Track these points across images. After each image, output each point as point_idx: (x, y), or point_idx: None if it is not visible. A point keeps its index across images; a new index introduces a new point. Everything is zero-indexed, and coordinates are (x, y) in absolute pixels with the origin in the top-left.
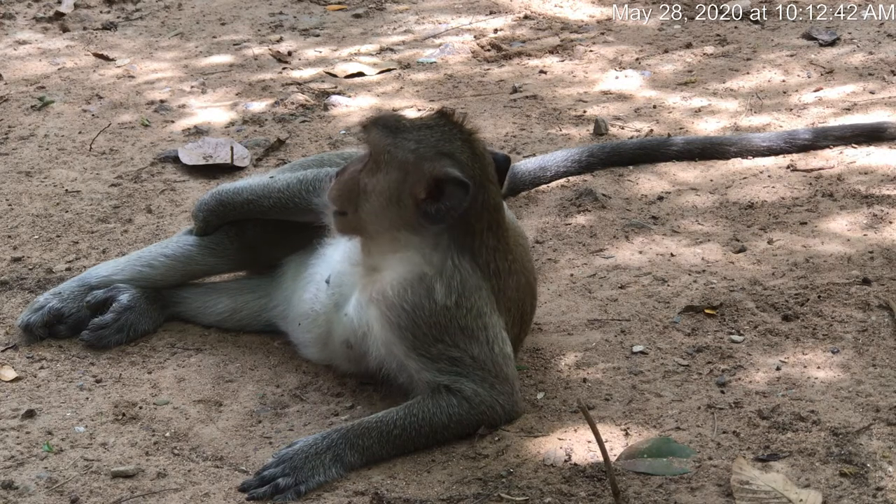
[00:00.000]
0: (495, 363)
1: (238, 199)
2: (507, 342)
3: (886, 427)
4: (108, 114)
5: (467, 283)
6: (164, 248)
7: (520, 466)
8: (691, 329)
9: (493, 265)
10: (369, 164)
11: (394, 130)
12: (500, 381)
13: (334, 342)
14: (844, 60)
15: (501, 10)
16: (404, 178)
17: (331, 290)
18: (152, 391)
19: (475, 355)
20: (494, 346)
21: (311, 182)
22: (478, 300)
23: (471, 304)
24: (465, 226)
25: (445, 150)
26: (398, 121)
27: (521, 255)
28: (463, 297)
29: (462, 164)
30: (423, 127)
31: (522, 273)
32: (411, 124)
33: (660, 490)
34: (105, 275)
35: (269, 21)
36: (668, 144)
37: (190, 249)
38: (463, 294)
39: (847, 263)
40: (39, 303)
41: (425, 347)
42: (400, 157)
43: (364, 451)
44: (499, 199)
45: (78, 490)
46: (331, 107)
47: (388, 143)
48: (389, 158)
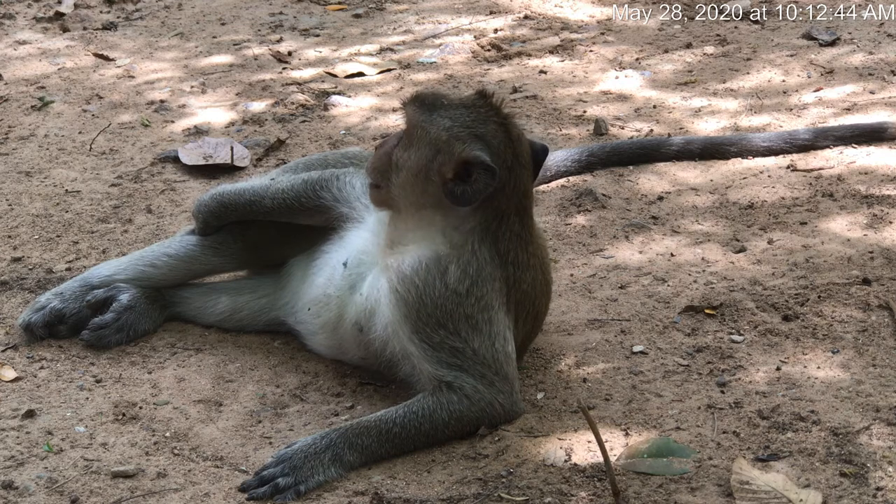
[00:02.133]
0: (496, 360)
1: (240, 201)
2: (509, 341)
3: (886, 427)
4: (108, 114)
5: (482, 272)
6: (167, 248)
7: (520, 466)
8: (691, 329)
9: (512, 254)
10: (404, 140)
11: (430, 107)
12: (501, 379)
13: (345, 325)
14: (844, 60)
15: (501, 10)
16: (434, 156)
17: (347, 272)
18: (152, 391)
19: (476, 348)
20: (496, 343)
21: (318, 181)
22: (489, 292)
23: (481, 294)
24: (493, 209)
25: (478, 132)
26: (436, 98)
27: (541, 251)
28: (475, 286)
29: (493, 148)
30: (461, 106)
31: (540, 269)
32: (449, 102)
33: (660, 490)
34: (107, 274)
35: (269, 21)
36: (668, 144)
37: (193, 249)
38: (476, 282)
39: (847, 263)
40: (41, 303)
41: (427, 332)
42: (433, 135)
43: (363, 451)
44: (529, 185)
45: (78, 490)
46: (331, 107)
47: (423, 119)
48: (423, 134)
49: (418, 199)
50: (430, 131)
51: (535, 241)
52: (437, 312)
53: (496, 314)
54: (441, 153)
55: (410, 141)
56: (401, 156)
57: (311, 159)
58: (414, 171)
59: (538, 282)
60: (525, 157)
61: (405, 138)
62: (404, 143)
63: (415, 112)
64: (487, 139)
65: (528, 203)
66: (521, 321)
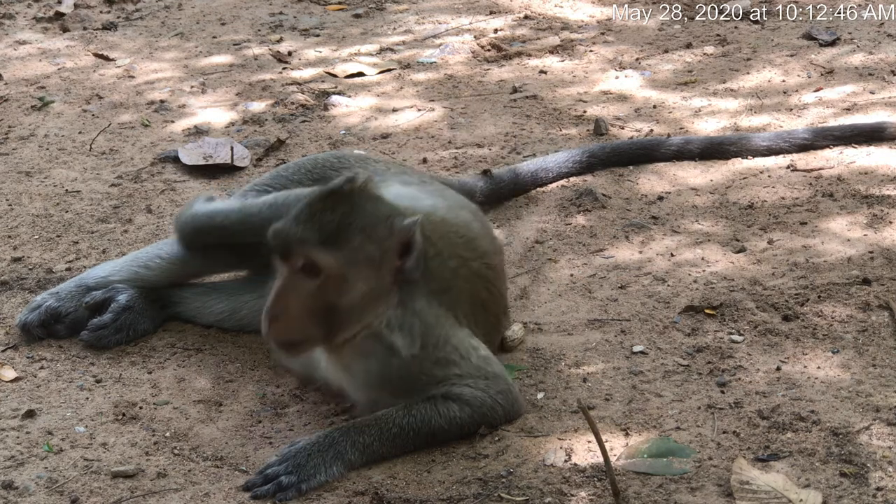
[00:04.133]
0: (479, 368)
1: (212, 224)
2: (479, 346)
3: (886, 427)
4: (108, 114)
5: (425, 322)
6: (160, 250)
7: (520, 466)
8: (691, 329)
9: (436, 282)
10: (327, 280)
11: (337, 245)
12: (493, 380)
13: (317, 376)
14: (844, 60)
15: (501, 10)
16: (377, 258)
17: None
18: (152, 391)
19: (459, 373)
20: (472, 357)
21: (283, 206)
22: (439, 330)
23: (436, 339)
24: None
25: (385, 212)
26: (334, 232)
27: (461, 247)
28: (426, 338)
29: (396, 209)
30: (348, 215)
31: (466, 265)
32: (341, 223)
33: (660, 490)
34: (102, 276)
35: (269, 21)
36: (668, 144)
37: (185, 253)
38: (425, 335)
39: (847, 263)
40: (37, 302)
41: (406, 391)
42: (367, 245)
43: (365, 449)
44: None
45: (78, 490)
46: (331, 107)
47: (344, 254)
48: (352, 261)
49: (371, 308)
50: (360, 253)
51: (449, 248)
52: (408, 378)
53: (456, 338)
54: (385, 249)
55: (342, 277)
56: (338, 297)
57: (304, 162)
58: (366, 287)
59: (473, 273)
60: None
61: (329, 282)
62: (331, 286)
63: (329, 257)
64: (391, 209)
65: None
66: (480, 323)
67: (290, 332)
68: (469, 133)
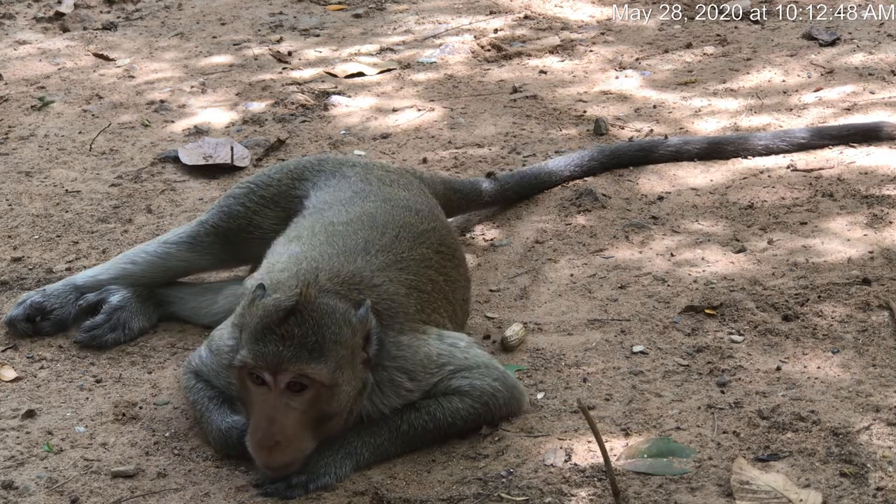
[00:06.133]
0: (466, 360)
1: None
2: (457, 338)
3: (886, 427)
4: (108, 114)
5: (399, 366)
6: (146, 246)
7: (520, 466)
8: (691, 329)
9: (396, 304)
10: (314, 398)
11: (322, 356)
12: (485, 368)
13: None
14: (844, 60)
15: (501, 10)
16: (350, 357)
17: None
18: (152, 391)
19: (452, 369)
20: (457, 353)
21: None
22: (413, 354)
23: (414, 363)
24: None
25: (339, 312)
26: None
27: (405, 249)
28: (410, 368)
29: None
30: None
31: (412, 263)
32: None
33: (660, 490)
34: (91, 275)
35: (269, 21)
36: (667, 145)
37: (168, 247)
38: (406, 370)
39: (847, 263)
40: (22, 298)
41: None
42: (339, 347)
43: (375, 449)
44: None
45: (78, 490)
46: (331, 107)
47: (328, 363)
48: (337, 367)
49: (356, 399)
50: (337, 349)
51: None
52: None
53: (431, 346)
54: (351, 352)
55: (330, 389)
56: (329, 398)
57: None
58: (349, 386)
59: (423, 265)
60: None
61: (318, 391)
62: (322, 397)
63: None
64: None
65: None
66: (453, 319)
67: (286, 456)
68: (469, 133)
